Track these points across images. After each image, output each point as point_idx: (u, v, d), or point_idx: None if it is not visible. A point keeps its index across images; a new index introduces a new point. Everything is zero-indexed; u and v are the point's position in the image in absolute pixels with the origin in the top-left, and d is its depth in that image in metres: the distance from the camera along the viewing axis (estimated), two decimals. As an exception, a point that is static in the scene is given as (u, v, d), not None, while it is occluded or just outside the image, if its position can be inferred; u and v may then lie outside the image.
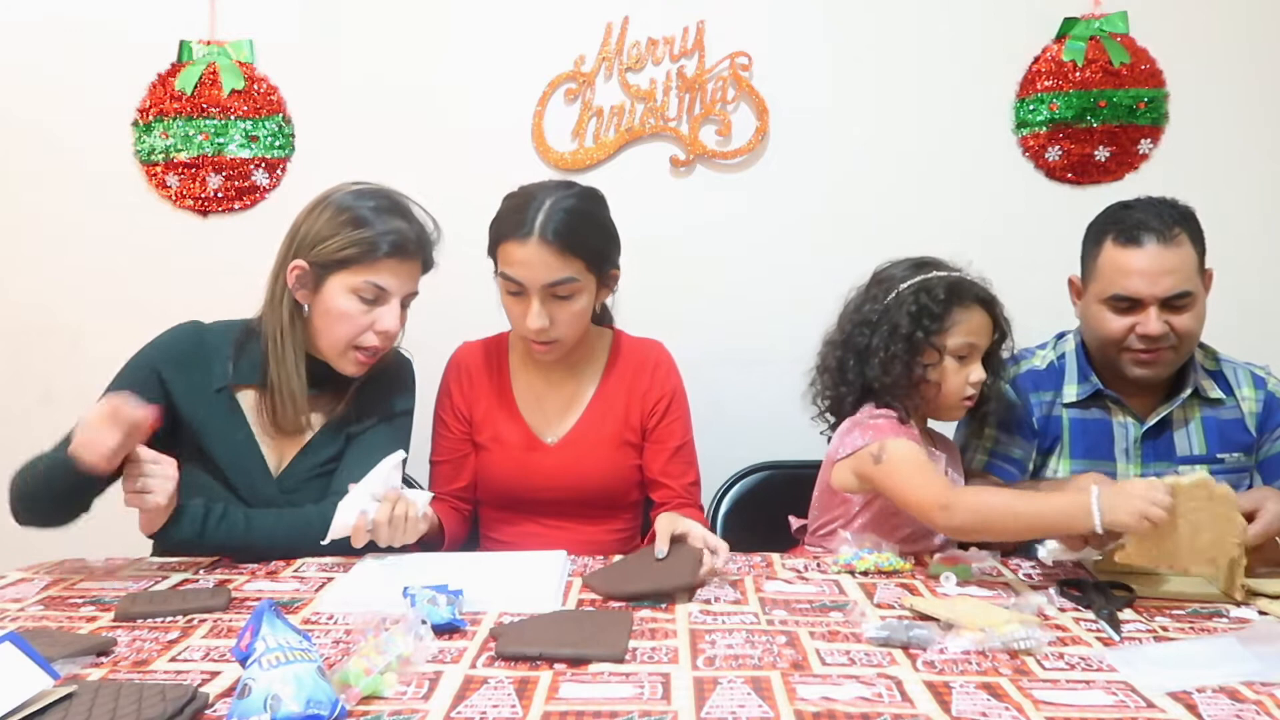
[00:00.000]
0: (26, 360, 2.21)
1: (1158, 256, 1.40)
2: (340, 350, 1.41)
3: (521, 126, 2.13)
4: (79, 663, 0.93)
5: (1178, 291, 1.40)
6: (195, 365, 1.42)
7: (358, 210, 1.39)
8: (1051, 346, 1.62)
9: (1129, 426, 1.51)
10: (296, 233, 1.42)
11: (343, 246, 1.37)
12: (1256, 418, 1.51)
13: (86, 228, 2.19)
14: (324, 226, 1.39)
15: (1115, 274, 1.43)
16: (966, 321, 1.38)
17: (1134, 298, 1.42)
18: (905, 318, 1.38)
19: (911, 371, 1.38)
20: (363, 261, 1.37)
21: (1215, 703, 0.82)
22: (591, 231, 1.45)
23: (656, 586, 1.14)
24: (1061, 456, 1.54)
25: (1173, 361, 1.46)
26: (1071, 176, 2.09)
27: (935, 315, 1.37)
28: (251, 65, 2.17)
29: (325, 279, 1.39)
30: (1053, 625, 1.04)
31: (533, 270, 1.40)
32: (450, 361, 1.63)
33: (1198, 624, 1.06)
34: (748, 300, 2.11)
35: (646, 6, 2.10)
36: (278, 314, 1.41)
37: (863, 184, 2.11)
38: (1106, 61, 2.06)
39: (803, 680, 0.88)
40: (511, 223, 1.42)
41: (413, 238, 1.42)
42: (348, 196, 1.41)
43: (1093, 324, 1.49)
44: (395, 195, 1.45)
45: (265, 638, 0.79)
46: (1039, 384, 1.56)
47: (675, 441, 1.56)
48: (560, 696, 0.84)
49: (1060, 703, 0.82)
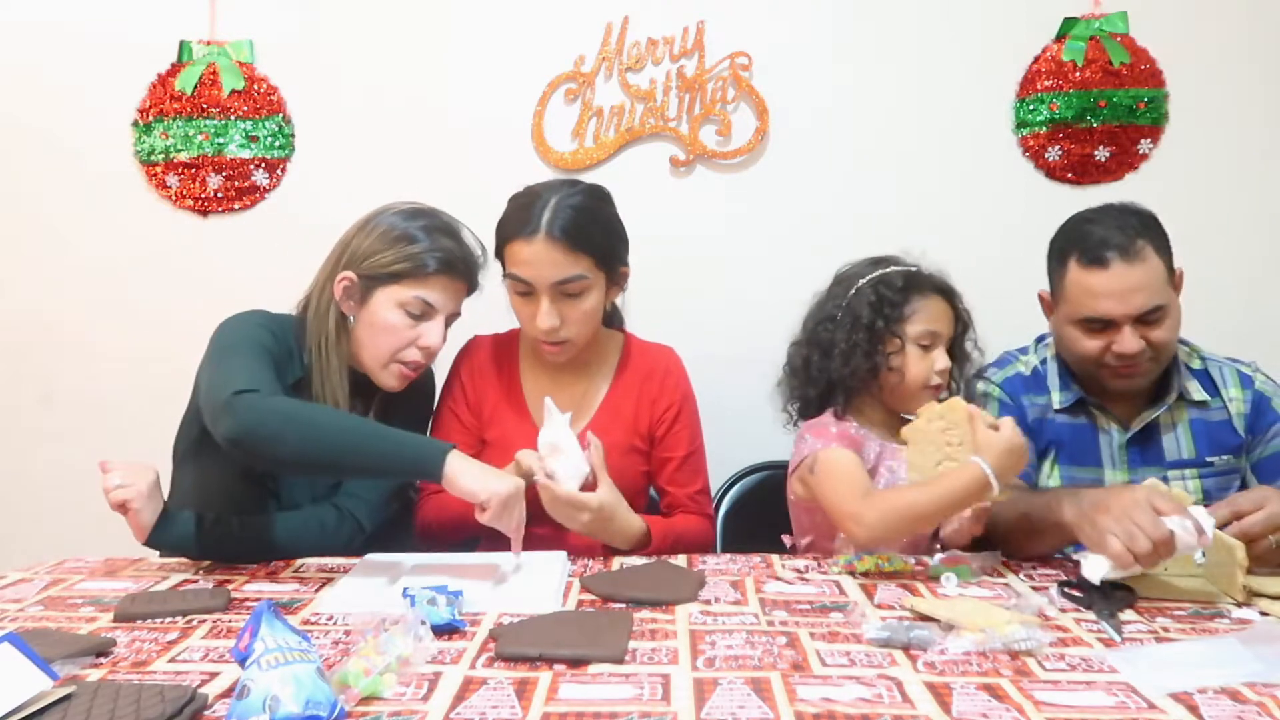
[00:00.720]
0: (26, 360, 2.21)
1: (1124, 275, 1.37)
2: (383, 363, 1.42)
3: (521, 126, 2.13)
4: (78, 663, 0.93)
5: (1150, 307, 1.37)
6: (283, 355, 1.40)
7: (409, 229, 1.42)
8: (1034, 350, 1.60)
9: (1113, 433, 1.50)
10: (346, 247, 1.44)
11: (394, 261, 1.40)
12: (1245, 418, 1.49)
13: (86, 228, 2.19)
14: (376, 242, 1.41)
15: (1084, 296, 1.40)
16: (925, 309, 1.42)
17: (1105, 319, 1.39)
18: (866, 309, 1.42)
19: (874, 361, 1.41)
20: (413, 276, 1.40)
21: (1217, 704, 0.82)
22: (599, 228, 1.45)
23: (657, 596, 1.14)
24: (1053, 462, 1.52)
25: (1152, 371, 1.45)
26: (1071, 176, 2.09)
27: (894, 304, 1.41)
28: (251, 65, 2.17)
29: (373, 291, 1.41)
30: (1053, 626, 1.03)
31: (541, 269, 1.40)
32: (460, 354, 1.62)
33: (1199, 624, 1.05)
34: (748, 300, 2.11)
35: (646, 6, 2.10)
36: (323, 326, 1.42)
37: (862, 184, 2.11)
38: (1106, 61, 2.05)
39: (803, 681, 0.87)
40: (517, 221, 1.41)
41: (461, 258, 1.44)
42: (400, 216, 1.44)
43: (1068, 344, 1.47)
44: (445, 217, 1.48)
45: (264, 638, 0.79)
46: (1029, 388, 1.55)
47: (682, 450, 1.56)
48: (560, 697, 0.84)
49: (1061, 704, 0.82)
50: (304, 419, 1.23)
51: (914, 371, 1.42)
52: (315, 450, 1.22)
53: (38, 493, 2.17)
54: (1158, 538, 1.09)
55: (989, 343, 1.62)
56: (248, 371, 1.27)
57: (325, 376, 1.41)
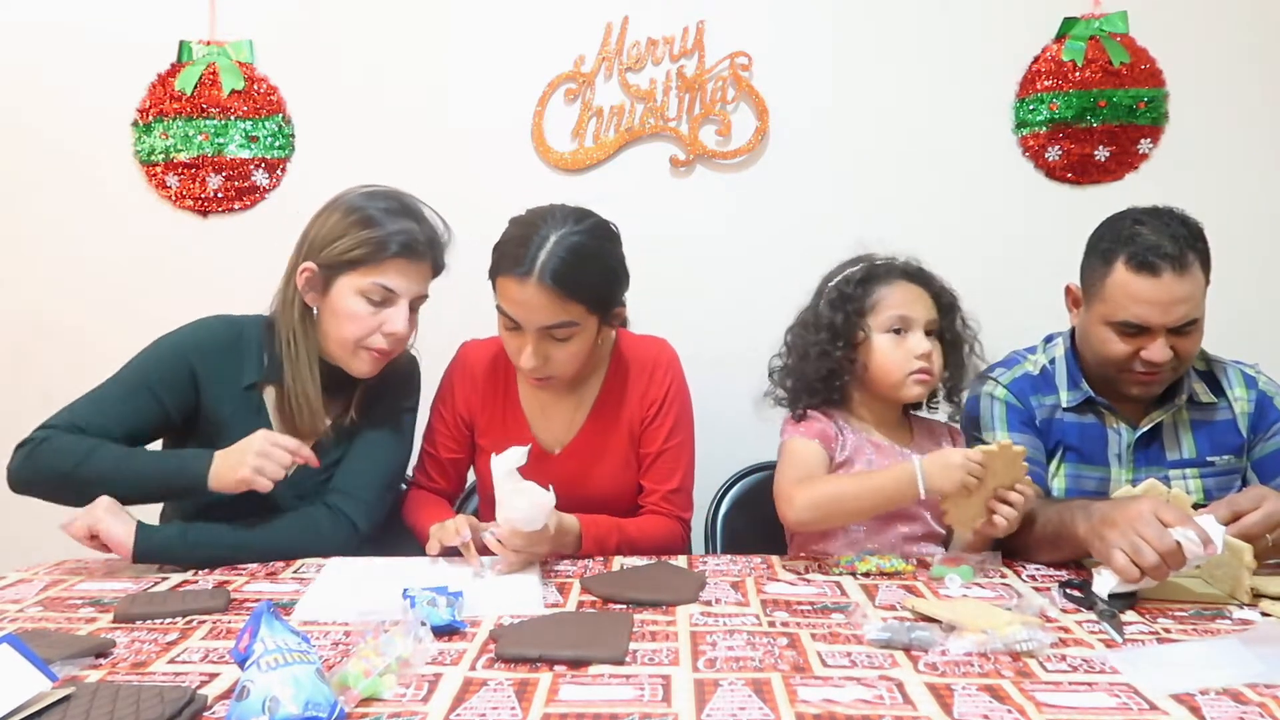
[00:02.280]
0: (26, 360, 2.21)
1: (1172, 286, 1.34)
2: (349, 350, 1.41)
3: (521, 126, 2.13)
4: (77, 664, 0.92)
5: (1188, 320, 1.37)
6: (229, 360, 1.42)
7: (367, 211, 1.39)
8: (1041, 350, 1.59)
9: (1121, 432, 1.50)
10: (307, 235, 1.42)
11: (350, 247, 1.37)
12: (1249, 418, 1.50)
13: (86, 228, 2.19)
14: (333, 228, 1.39)
15: (1126, 300, 1.38)
16: (889, 296, 1.41)
17: (1144, 325, 1.38)
18: (828, 307, 1.44)
19: (835, 360, 1.40)
20: (370, 262, 1.37)
21: (1218, 705, 0.82)
22: (595, 273, 1.38)
23: (657, 598, 1.14)
24: (1060, 460, 1.53)
25: (1170, 380, 1.45)
26: (1071, 176, 2.09)
27: (854, 298, 1.42)
28: (251, 65, 2.17)
29: (334, 280, 1.39)
30: (1055, 627, 1.03)
31: (530, 312, 1.35)
32: (455, 360, 1.61)
33: (1200, 625, 1.05)
34: (748, 300, 2.11)
35: (646, 6, 2.10)
36: (290, 317, 1.41)
37: (862, 184, 2.11)
38: (1106, 61, 2.05)
39: (804, 682, 0.87)
40: (512, 258, 1.35)
41: (422, 239, 1.41)
42: (358, 198, 1.41)
43: (1095, 344, 1.46)
44: (405, 197, 1.44)
45: (264, 639, 0.79)
46: (1037, 388, 1.54)
47: (657, 445, 1.52)
48: (560, 699, 0.84)
49: (1063, 705, 0.82)
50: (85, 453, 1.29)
51: (888, 360, 1.39)
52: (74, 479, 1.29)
53: (37, 493, 2.17)
54: (1164, 550, 1.08)
55: (988, 342, 1.61)
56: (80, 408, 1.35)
57: (295, 369, 1.40)
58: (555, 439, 1.54)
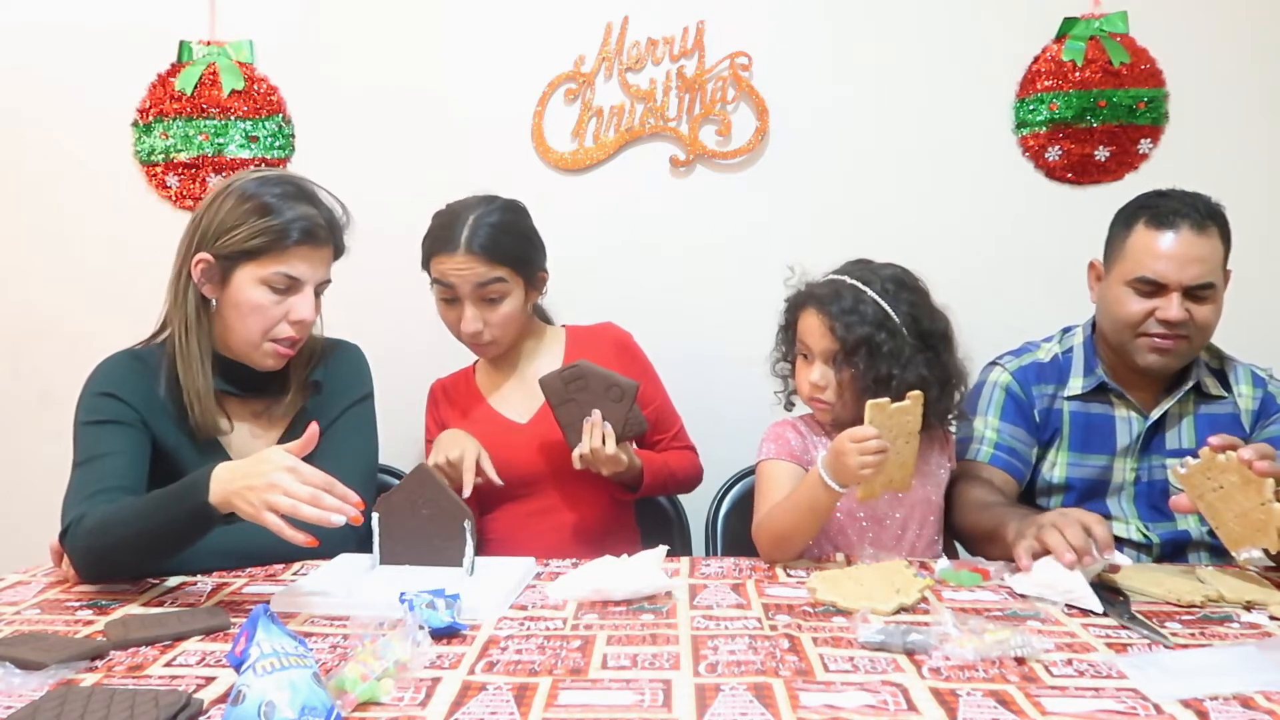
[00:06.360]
0: (26, 360, 2.21)
1: (1189, 243, 1.41)
2: (255, 345, 1.36)
3: (521, 127, 2.12)
4: (73, 667, 0.92)
5: (1203, 281, 1.41)
6: (141, 383, 1.36)
7: (263, 197, 1.33)
8: (1057, 340, 1.62)
9: (1132, 421, 1.52)
10: (199, 225, 1.35)
11: (250, 236, 1.31)
12: (1252, 415, 1.51)
13: (86, 228, 2.19)
14: (228, 216, 1.32)
15: (1144, 255, 1.43)
16: (801, 323, 1.45)
17: (1159, 281, 1.42)
18: (779, 329, 1.52)
19: (785, 371, 1.51)
20: (272, 251, 1.32)
21: (1227, 711, 0.81)
22: (514, 240, 1.57)
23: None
24: (1060, 449, 1.54)
25: (1185, 353, 1.47)
26: (1071, 176, 2.08)
27: (786, 324, 1.50)
28: (251, 65, 2.16)
29: (233, 271, 1.33)
30: (1062, 632, 1.02)
31: (463, 277, 1.53)
32: (427, 400, 1.72)
33: (1208, 629, 1.04)
34: (747, 300, 2.09)
35: (646, 6, 2.09)
36: (183, 311, 1.35)
37: (862, 184, 2.10)
38: (1106, 61, 2.05)
39: (806, 687, 0.86)
40: (442, 239, 1.54)
41: (323, 223, 1.37)
42: (251, 184, 1.35)
43: (1112, 306, 1.49)
44: (301, 181, 1.40)
45: (260, 643, 0.78)
46: (1041, 376, 1.57)
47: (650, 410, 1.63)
48: (559, 704, 0.83)
49: (1069, 711, 0.81)
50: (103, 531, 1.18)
51: (800, 385, 1.46)
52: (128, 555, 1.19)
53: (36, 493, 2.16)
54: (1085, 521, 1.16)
55: (988, 342, 1.61)
56: (74, 494, 1.26)
57: (186, 365, 1.34)
58: (519, 411, 1.65)
